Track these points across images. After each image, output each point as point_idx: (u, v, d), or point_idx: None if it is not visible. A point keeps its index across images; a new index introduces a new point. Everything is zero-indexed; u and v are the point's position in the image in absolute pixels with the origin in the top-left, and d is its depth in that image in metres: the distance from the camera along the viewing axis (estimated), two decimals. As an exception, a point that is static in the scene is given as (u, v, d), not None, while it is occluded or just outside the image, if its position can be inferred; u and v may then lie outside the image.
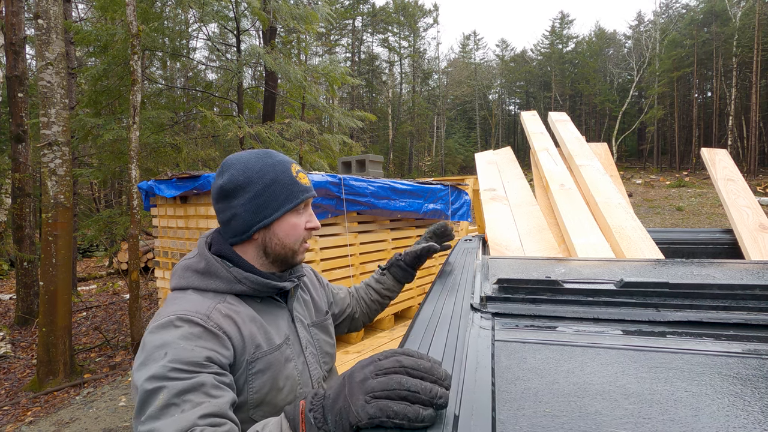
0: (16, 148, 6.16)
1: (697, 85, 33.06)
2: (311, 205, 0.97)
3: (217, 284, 0.83)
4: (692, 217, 16.98)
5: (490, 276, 1.00)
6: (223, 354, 0.74)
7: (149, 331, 0.73)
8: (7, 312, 7.14)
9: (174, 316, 0.74)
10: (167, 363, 0.67)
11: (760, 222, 1.63)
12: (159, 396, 0.64)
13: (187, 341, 0.71)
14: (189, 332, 0.72)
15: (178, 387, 0.64)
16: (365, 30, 36.85)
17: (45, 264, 4.15)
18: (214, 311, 0.78)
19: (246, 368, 0.78)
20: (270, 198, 0.86)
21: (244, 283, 0.84)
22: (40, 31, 4.05)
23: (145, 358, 0.69)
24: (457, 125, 46.35)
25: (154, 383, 0.65)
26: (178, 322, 0.73)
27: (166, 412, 0.62)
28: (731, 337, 0.60)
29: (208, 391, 0.66)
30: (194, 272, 0.85)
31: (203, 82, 12.85)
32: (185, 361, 0.68)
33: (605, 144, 2.27)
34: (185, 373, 0.67)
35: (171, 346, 0.69)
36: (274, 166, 0.88)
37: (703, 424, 0.39)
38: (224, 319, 0.78)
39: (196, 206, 3.75)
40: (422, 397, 0.45)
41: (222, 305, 0.80)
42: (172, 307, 0.78)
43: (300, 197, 0.89)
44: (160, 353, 0.68)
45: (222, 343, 0.75)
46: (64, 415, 3.68)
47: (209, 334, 0.74)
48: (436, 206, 4.42)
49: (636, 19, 43.74)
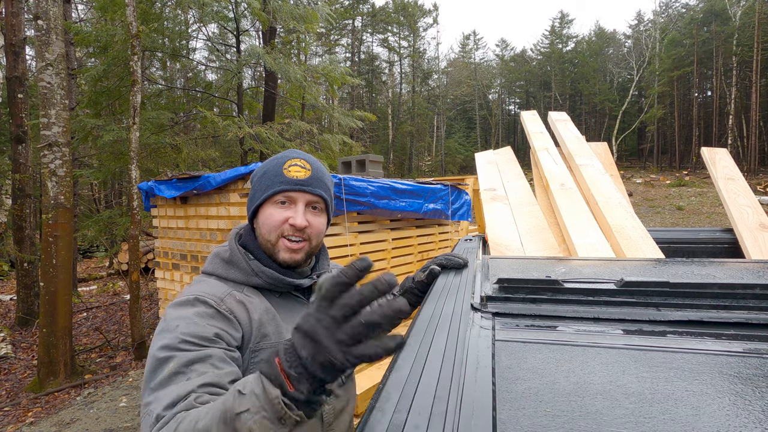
0: (16, 149, 6.17)
1: (697, 84, 33.05)
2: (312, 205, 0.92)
3: (236, 275, 0.89)
4: (692, 217, 16.98)
5: (490, 276, 1.00)
6: (232, 335, 0.79)
7: (169, 306, 0.80)
8: (8, 313, 7.14)
9: (192, 296, 0.81)
10: (179, 335, 0.72)
11: (761, 221, 1.63)
12: (169, 364, 0.68)
13: (200, 318, 0.76)
14: (203, 311, 0.78)
15: (186, 357, 0.69)
16: (365, 30, 36.86)
17: (45, 265, 4.16)
18: (228, 296, 0.83)
19: (249, 356, 0.82)
20: (258, 188, 0.91)
21: (260, 276, 0.88)
22: (39, 32, 4.05)
23: (161, 329, 0.75)
24: (457, 125, 46.35)
25: (165, 352, 0.70)
26: (195, 302, 0.79)
27: (173, 379, 0.67)
28: (732, 336, 0.60)
29: (215, 363, 0.70)
30: (221, 260, 0.91)
31: (203, 82, 12.86)
32: (196, 335, 0.73)
33: (605, 143, 2.27)
34: (195, 345, 0.71)
35: (184, 321, 0.75)
36: (273, 160, 0.93)
37: (704, 424, 0.39)
38: (236, 305, 0.83)
39: (196, 206, 3.75)
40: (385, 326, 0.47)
41: (237, 293, 0.86)
42: (193, 288, 0.85)
43: (277, 187, 0.87)
44: (173, 325, 0.74)
45: (232, 325, 0.80)
46: (64, 416, 3.68)
47: (221, 316, 0.79)
48: (436, 206, 4.42)
49: (636, 18, 43.73)
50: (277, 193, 0.88)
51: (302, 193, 0.89)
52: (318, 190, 0.91)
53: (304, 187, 0.89)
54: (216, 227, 3.55)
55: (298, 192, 0.89)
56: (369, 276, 2.80)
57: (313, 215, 0.92)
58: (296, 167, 0.90)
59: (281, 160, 0.91)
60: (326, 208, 0.95)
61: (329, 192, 0.95)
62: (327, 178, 0.95)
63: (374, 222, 3.96)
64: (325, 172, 0.96)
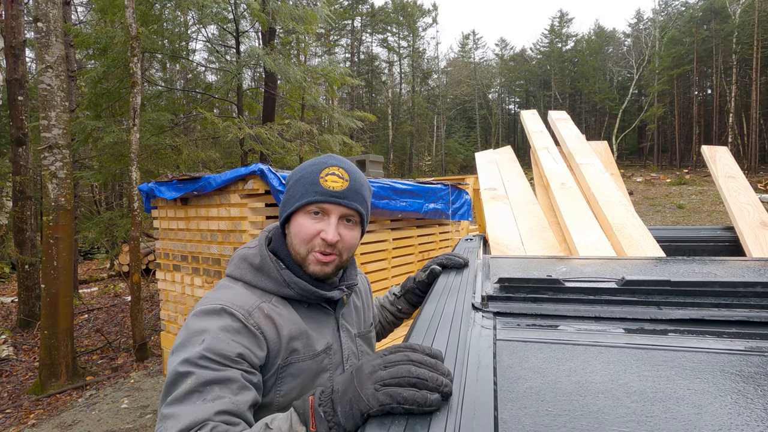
0: (16, 151, 6.17)
1: (697, 82, 33.03)
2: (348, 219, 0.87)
3: (266, 284, 0.85)
4: (693, 215, 16.95)
5: (491, 275, 1.00)
6: (255, 354, 0.76)
7: (194, 314, 0.77)
8: (9, 315, 7.15)
9: (219, 305, 0.77)
10: (202, 351, 0.70)
11: (761, 219, 1.63)
12: (187, 381, 0.67)
13: (225, 333, 0.73)
14: (229, 325, 0.75)
15: (206, 376, 0.67)
16: (364, 30, 36.85)
17: (46, 267, 4.16)
18: (256, 310, 0.80)
19: (277, 371, 0.80)
20: (292, 194, 0.87)
21: (293, 288, 0.85)
22: (39, 34, 4.06)
23: (184, 339, 0.73)
24: (457, 125, 46.33)
25: (185, 367, 0.68)
26: (222, 313, 0.76)
27: (189, 397, 0.66)
28: (733, 334, 0.60)
29: (233, 388, 0.69)
30: (249, 266, 0.87)
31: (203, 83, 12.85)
32: (218, 353, 0.70)
33: (605, 142, 2.27)
34: (216, 364, 0.69)
35: (209, 334, 0.72)
36: (310, 165, 0.88)
37: (706, 422, 0.39)
38: (264, 319, 0.80)
39: (197, 208, 3.75)
40: (429, 384, 0.48)
41: (266, 305, 0.82)
42: (220, 294, 0.81)
43: (311, 197, 0.83)
44: (198, 339, 0.72)
45: (257, 342, 0.77)
46: (66, 418, 3.68)
47: (247, 331, 0.76)
48: (436, 206, 4.42)
49: (635, 17, 43.79)
50: (311, 203, 0.83)
51: (337, 206, 0.84)
52: (354, 203, 0.85)
53: (339, 200, 0.83)
54: (217, 228, 3.55)
55: (333, 204, 0.84)
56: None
57: (347, 228, 0.87)
58: (333, 177, 0.84)
59: (319, 166, 0.86)
60: (361, 221, 0.90)
61: (366, 204, 0.90)
62: (365, 188, 0.90)
63: (374, 222, 3.96)
64: (364, 181, 0.90)
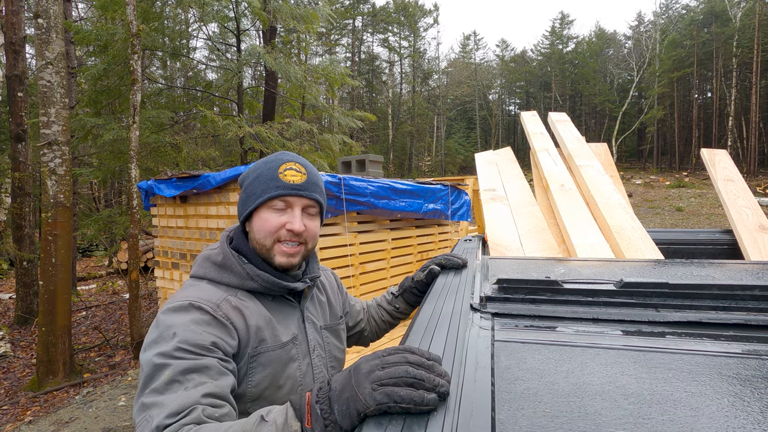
0: (16, 148, 6.16)
1: (697, 85, 33.05)
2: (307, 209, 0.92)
3: (230, 279, 0.87)
4: (692, 218, 16.97)
5: (489, 276, 1.00)
6: (228, 342, 0.77)
7: (163, 312, 0.78)
8: (7, 311, 7.13)
9: (186, 301, 0.79)
10: (175, 343, 0.71)
11: (760, 222, 1.64)
12: (164, 372, 0.68)
13: (196, 325, 0.75)
14: (199, 318, 0.77)
15: (183, 365, 0.68)
16: (365, 30, 36.83)
17: (45, 263, 4.15)
18: (223, 302, 0.82)
19: (248, 361, 0.81)
20: (251, 191, 0.90)
21: (256, 280, 0.87)
22: (40, 30, 4.05)
23: (157, 336, 0.74)
24: (457, 125, 46.32)
25: (161, 359, 0.69)
26: (190, 308, 0.78)
27: (169, 387, 0.66)
28: (731, 337, 0.60)
29: (211, 374, 0.70)
30: (212, 264, 0.89)
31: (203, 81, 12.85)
32: (192, 343, 0.72)
33: (605, 144, 2.27)
34: (191, 354, 0.71)
35: (180, 328, 0.73)
36: (266, 162, 0.91)
37: (703, 425, 0.39)
38: (232, 311, 0.82)
39: (195, 206, 3.75)
40: (426, 384, 0.49)
41: (232, 298, 0.84)
42: (186, 293, 0.83)
43: (272, 192, 0.86)
44: (170, 333, 0.73)
45: (228, 332, 0.78)
46: (63, 415, 3.67)
47: (217, 323, 0.78)
48: (436, 206, 4.42)
49: (636, 19, 43.68)
50: (274, 198, 0.87)
51: (299, 198, 0.89)
52: (314, 194, 0.91)
53: (300, 192, 0.88)
54: (216, 226, 3.55)
55: (295, 197, 0.88)
56: (366, 276, 2.83)
57: (309, 219, 0.91)
58: (292, 171, 0.89)
59: (276, 163, 0.90)
60: (320, 211, 0.96)
61: (323, 195, 0.96)
62: (320, 180, 0.95)
63: (374, 222, 3.96)
64: (318, 174, 0.95)
